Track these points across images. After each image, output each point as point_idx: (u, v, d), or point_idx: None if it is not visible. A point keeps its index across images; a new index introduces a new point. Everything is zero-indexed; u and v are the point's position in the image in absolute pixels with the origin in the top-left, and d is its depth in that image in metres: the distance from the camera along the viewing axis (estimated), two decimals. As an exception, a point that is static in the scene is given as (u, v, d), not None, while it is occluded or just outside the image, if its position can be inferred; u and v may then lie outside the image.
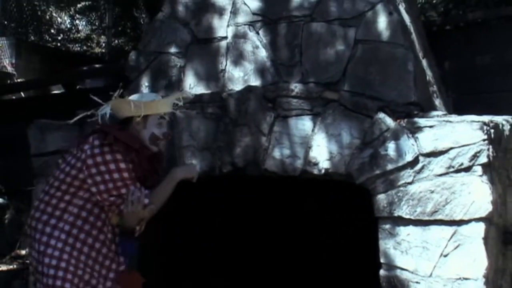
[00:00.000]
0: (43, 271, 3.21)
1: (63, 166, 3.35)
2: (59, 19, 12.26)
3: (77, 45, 11.76)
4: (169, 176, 3.45)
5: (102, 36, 11.36)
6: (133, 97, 3.51)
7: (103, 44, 11.20)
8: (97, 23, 11.82)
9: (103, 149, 3.24)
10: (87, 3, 11.40)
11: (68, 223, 3.27)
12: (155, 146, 3.43)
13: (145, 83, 4.59)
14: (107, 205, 3.28)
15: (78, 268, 3.22)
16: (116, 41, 10.72)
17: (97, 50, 11.41)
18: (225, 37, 4.44)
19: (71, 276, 3.20)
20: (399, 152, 3.58)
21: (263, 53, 4.33)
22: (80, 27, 12.36)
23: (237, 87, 4.28)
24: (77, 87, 8.51)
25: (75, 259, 3.23)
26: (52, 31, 11.94)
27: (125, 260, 3.42)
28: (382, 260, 3.64)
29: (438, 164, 3.48)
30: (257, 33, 4.36)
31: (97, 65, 8.83)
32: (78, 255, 3.24)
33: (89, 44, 11.73)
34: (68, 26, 12.35)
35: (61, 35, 12.03)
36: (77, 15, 12.15)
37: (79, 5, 11.69)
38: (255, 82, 4.28)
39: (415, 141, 3.54)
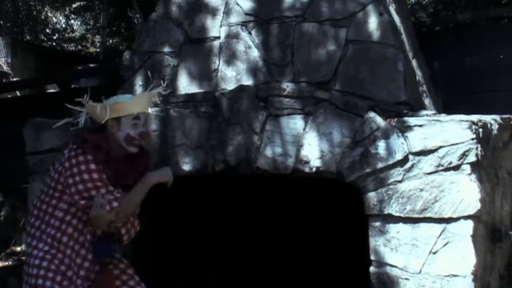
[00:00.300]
0: (28, 271, 3.28)
1: (52, 172, 3.41)
2: (54, 19, 12.25)
3: (72, 44, 11.75)
4: (142, 180, 3.40)
5: (97, 36, 11.35)
6: (111, 99, 3.44)
7: (98, 44, 11.19)
8: (91, 23, 11.81)
9: (77, 151, 3.26)
10: (82, 3, 11.39)
11: (54, 228, 3.30)
12: (132, 146, 3.37)
13: (139, 82, 4.60)
14: (79, 208, 3.30)
15: (59, 269, 3.27)
16: (111, 41, 10.71)
17: (92, 49, 11.41)
18: (218, 37, 4.47)
19: (53, 275, 3.24)
20: (389, 151, 3.61)
21: (255, 53, 4.35)
22: (75, 27, 12.37)
23: (230, 86, 4.30)
24: (72, 86, 8.53)
25: (59, 260, 3.27)
26: (48, 30, 11.93)
27: (100, 261, 3.40)
28: (372, 257, 3.67)
29: (428, 163, 3.52)
30: (250, 33, 4.39)
31: (91, 65, 8.84)
32: (62, 257, 3.29)
33: (84, 43, 11.72)
34: (63, 26, 12.34)
35: (56, 35, 12.01)
36: (72, 15, 12.14)
37: (74, 5, 11.67)
38: (247, 81, 4.31)
39: (405, 140, 3.57)
